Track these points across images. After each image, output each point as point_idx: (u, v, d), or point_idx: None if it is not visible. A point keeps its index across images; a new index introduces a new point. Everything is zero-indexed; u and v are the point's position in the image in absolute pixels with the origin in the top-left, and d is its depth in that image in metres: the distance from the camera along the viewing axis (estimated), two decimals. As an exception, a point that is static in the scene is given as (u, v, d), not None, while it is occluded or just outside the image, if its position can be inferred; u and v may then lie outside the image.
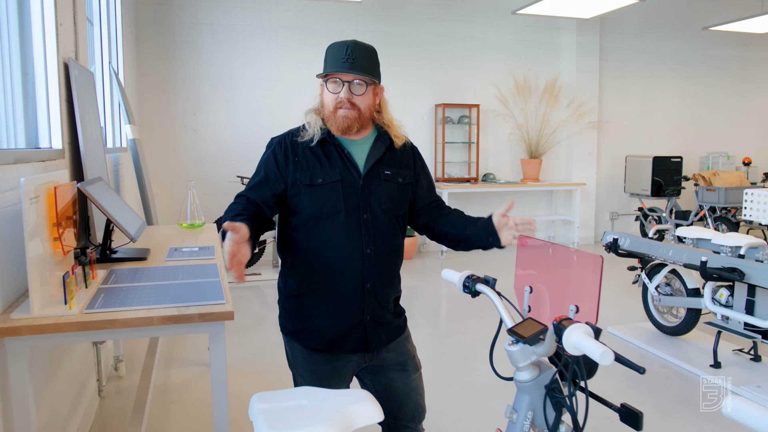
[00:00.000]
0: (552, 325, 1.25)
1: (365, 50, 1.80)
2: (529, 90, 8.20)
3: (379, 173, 1.86)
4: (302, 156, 1.84)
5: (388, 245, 1.86)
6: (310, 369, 1.88)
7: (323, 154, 1.84)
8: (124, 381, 3.63)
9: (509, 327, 1.43)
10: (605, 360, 1.09)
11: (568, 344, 1.19)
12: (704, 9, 9.02)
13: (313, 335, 1.86)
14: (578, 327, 1.18)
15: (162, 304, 1.88)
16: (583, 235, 8.46)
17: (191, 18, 6.68)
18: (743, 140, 9.62)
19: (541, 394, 1.40)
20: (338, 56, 1.76)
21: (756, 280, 3.38)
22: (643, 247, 4.11)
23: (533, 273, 1.59)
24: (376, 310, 1.86)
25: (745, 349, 3.97)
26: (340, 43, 1.79)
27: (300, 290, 1.86)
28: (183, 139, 6.80)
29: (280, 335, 1.98)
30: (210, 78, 6.81)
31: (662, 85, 9.01)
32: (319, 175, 1.80)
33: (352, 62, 1.75)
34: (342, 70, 1.75)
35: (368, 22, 7.36)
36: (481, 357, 4.05)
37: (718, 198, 7.24)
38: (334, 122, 1.82)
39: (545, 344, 1.33)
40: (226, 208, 1.83)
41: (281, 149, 1.86)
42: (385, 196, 1.85)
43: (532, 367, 1.39)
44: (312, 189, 1.79)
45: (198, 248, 2.85)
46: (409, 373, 1.97)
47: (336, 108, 1.80)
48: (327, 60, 1.81)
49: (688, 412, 3.26)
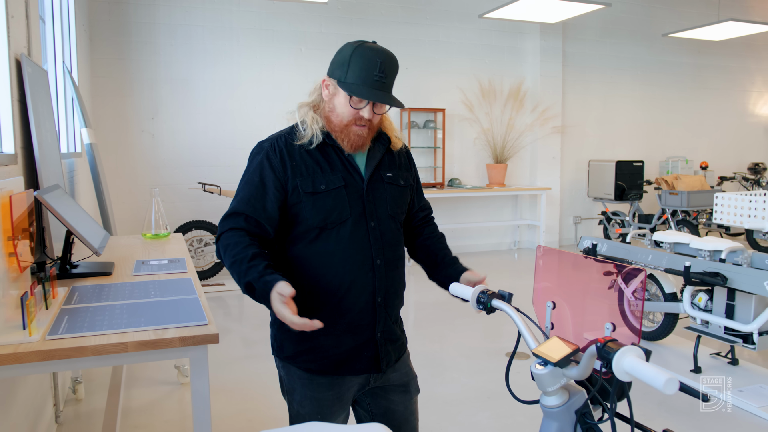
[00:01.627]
0: (595, 347, 1.12)
1: (393, 65, 1.60)
2: (494, 94, 8.18)
3: (382, 176, 1.72)
4: (300, 160, 1.64)
5: (396, 253, 1.73)
6: (310, 395, 1.70)
7: (322, 157, 1.66)
8: (84, 404, 3.36)
9: (533, 347, 1.29)
10: (670, 389, 0.96)
11: (618, 370, 1.06)
12: (661, 17, 9.19)
13: (317, 356, 1.68)
14: (631, 350, 1.06)
15: (136, 326, 1.68)
16: (548, 239, 8.47)
17: (148, 18, 6.39)
18: (699, 145, 9.83)
19: (571, 420, 1.26)
20: (369, 72, 1.55)
21: (737, 284, 3.36)
22: (622, 252, 4.07)
23: (555, 287, 1.46)
24: (387, 326, 1.72)
25: (722, 353, 3.95)
26: (371, 55, 1.56)
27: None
28: (140, 144, 6.49)
29: (247, 350, 1.82)
30: (169, 80, 6.53)
31: (622, 90, 9.13)
32: (322, 181, 1.63)
33: (383, 82, 1.57)
34: (374, 89, 1.56)
35: (332, 24, 7.20)
36: (457, 367, 3.93)
37: (680, 202, 7.34)
38: (346, 137, 1.64)
39: (580, 367, 1.19)
40: (223, 238, 1.61)
41: (275, 153, 1.65)
42: (390, 201, 1.72)
43: (561, 391, 1.26)
44: (315, 197, 1.62)
45: (167, 261, 2.64)
46: (411, 394, 1.82)
47: (352, 123, 1.62)
48: (353, 69, 1.56)
49: (674, 419, 3.20)
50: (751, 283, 3.28)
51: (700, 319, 3.72)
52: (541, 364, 1.24)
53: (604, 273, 4.39)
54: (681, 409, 3.32)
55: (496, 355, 4.17)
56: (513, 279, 6.75)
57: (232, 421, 3.19)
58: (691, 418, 3.22)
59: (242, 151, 6.85)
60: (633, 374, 1.04)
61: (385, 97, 1.58)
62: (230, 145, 6.80)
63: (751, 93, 10.29)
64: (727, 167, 9.99)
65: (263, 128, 6.92)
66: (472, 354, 4.20)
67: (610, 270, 4.49)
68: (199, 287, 2.16)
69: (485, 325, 4.82)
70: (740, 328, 3.46)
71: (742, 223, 4.04)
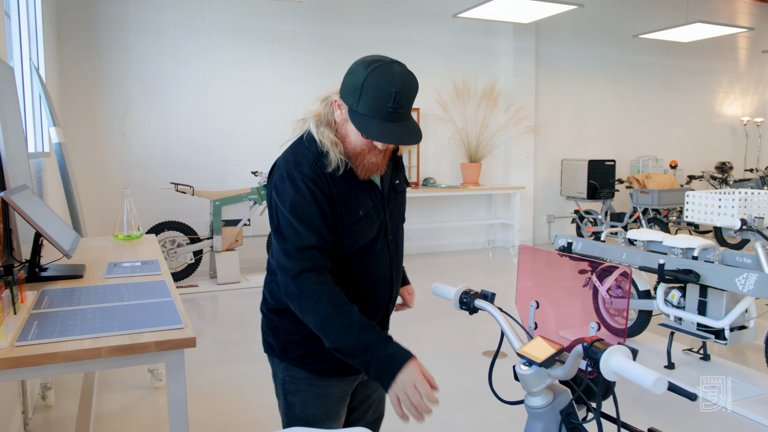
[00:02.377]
0: (582, 346, 1.11)
1: (410, 91, 1.46)
2: (468, 94, 8.21)
3: (393, 186, 1.68)
4: (339, 186, 1.52)
5: (401, 260, 1.73)
6: (317, 393, 1.67)
7: (351, 180, 1.56)
8: (54, 411, 3.28)
9: (517, 348, 1.29)
10: (658, 388, 0.96)
11: (606, 370, 1.06)
12: (631, 18, 9.32)
13: (326, 358, 1.61)
14: (618, 350, 1.06)
15: (109, 331, 1.63)
16: (522, 238, 8.53)
17: (118, 15, 6.26)
18: (668, 144, 10.00)
19: (556, 420, 1.26)
20: (382, 103, 1.42)
21: (710, 281, 3.41)
22: (597, 251, 4.11)
23: (538, 286, 1.46)
24: (387, 326, 1.75)
25: (694, 348, 4.02)
26: (385, 85, 1.42)
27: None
28: (110, 144, 6.36)
29: (222, 352, 1.79)
30: (140, 79, 6.41)
31: (594, 90, 9.24)
32: (359, 207, 1.54)
33: (398, 113, 1.43)
34: (387, 122, 1.43)
35: (306, 23, 7.15)
36: (434, 367, 3.93)
37: (652, 200, 7.45)
38: (360, 165, 1.53)
39: (565, 367, 1.19)
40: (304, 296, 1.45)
41: (321, 179, 1.50)
42: (398, 209, 1.70)
43: (546, 391, 1.25)
44: (357, 226, 1.54)
45: (140, 263, 2.58)
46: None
47: (365, 151, 1.51)
48: (364, 99, 1.43)
49: (649, 415, 3.24)
50: (722, 279, 3.34)
51: (674, 316, 3.77)
52: (526, 365, 1.23)
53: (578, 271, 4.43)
54: (656, 405, 3.37)
55: (473, 355, 4.18)
56: (488, 278, 6.78)
57: (209, 425, 3.14)
58: (665, 413, 3.26)
59: (215, 151, 6.77)
60: (621, 374, 1.04)
61: (396, 136, 1.43)
62: (203, 145, 6.71)
63: (717, 93, 10.51)
64: (696, 166, 10.19)
65: (237, 128, 6.85)
66: (449, 354, 4.20)
67: (585, 268, 4.53)
68: (174, 289, 2.11)
69: (461, 325, 4.83)
70: (712, 324, 3.52)
71: (712, 221, 4.11)
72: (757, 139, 10.98)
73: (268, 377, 3.73)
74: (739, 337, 3.52)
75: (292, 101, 7.09)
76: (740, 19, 10.33)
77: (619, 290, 4.29)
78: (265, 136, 6.96)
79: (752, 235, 3.65)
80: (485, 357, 4.12)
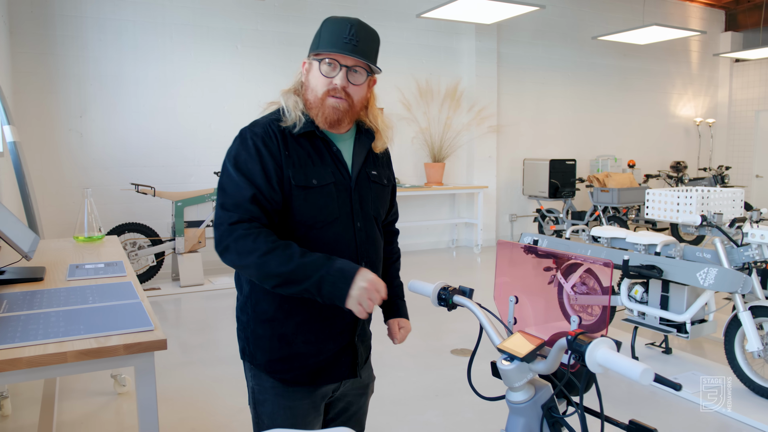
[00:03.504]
0: (566, 340, 1.12)
1: (369, 34, 1.54)
2: (432, 94, 8.25)
3: (368, 174, 1.64)
4: (293, 150, 1.52)
5: (378, 255, 1.66)
6: (285, 405, 1.59)
7: (312, 149, 1.55)
8: (11, 421, 3.15)
9: (497, 343, 1.29)
10: (645, 379, 0.97)
11: (591, 362, 1.06)
12: (590, 20, 9.52)
13: (294, 366, 1.57)
14: (603, 342, 1.06)
15: (75, 335, 1.57)
16: (486, 237, 8.61)
17: (75, 11, 6.09)
18: (626, 144, 10.24)
19: (537, 415, 1.26)
20: (339, 35, 1.48)
21: (672, 276, 3.50)
22: (562, 248, 4.17)
23: (517, 281, 1.46)
24: (363, 328, 1.67)
25: (657, 342, 4.12)
26: (341, 20, 1.51)
27: (278, 314, 1.56)
28: (67, 144, 6.17)
29: (186, 356, 1.74)
30: (97, 77, 6.24)
31: (554, 91, 9.40)
32: (313, 175, 1.52)
33: (355, 44, 1.48)
34: (343, 52, 1.48)
35: (269, 22, 7.08)
36: (402, 366, 3.93)
37: (611, 198, 7.61)
38: (321, 111, 1.53)
39: (548, 361, 1.20)
40: (236, 239, 1.41)
41: (271, 138, 1.51)
42: (374, 201, 1.64)
43: (527, 386, 1.26)
44: (306, 192, 1.50)
45: (103, 264, 2.51)
46: (366, 396, 1.79)
47: (326, 95, 1.52)
48: (323, 36, 1.52)
49: (616, 408, 3.30)
50: (684, 274, 3.42)
51: (637, 311, 3.85)
52: (507, 360, 1.23)
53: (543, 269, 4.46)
54: (619, 398, 3.43)
55: (441, 353, 4.19)
56: (452, 277, 6.82)
57: (176, 431, 3.07)
58: (630, 405, 3.32)
59: (176, 151, 6.63)
60: (607, 366, 1.04)
61: (352, 52, 1.48)
62: (164, 145, 6.57)
63: (671, 95, 10.80)
64: (652, 165, 10.45)
65: (199, 128, 6.73)
66: (416, 353, 4.21)
67: (550, 266, 4.58)
68: (141, 291, 2.06)
69: (428, 323, 4.84)
70: (674, 318, 3.60)
71: (672, 218, 4.21)
72: (709, 139, 11.33)
73: (235, 380, 3.68)
74: (699, 331, 3.61)
75: (255, 100, 7.00)
76: (692, 24, 10.65)
77: (583, 287, 4.36)
78: (228, 136, 6.80)
79: (710, 231, 3.75)
80: (453, 355, 4.13)
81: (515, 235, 9.15)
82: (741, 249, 3.43)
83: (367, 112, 1.65)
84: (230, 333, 4.88)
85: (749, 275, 3.34)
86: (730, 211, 4.04)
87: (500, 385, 1.28)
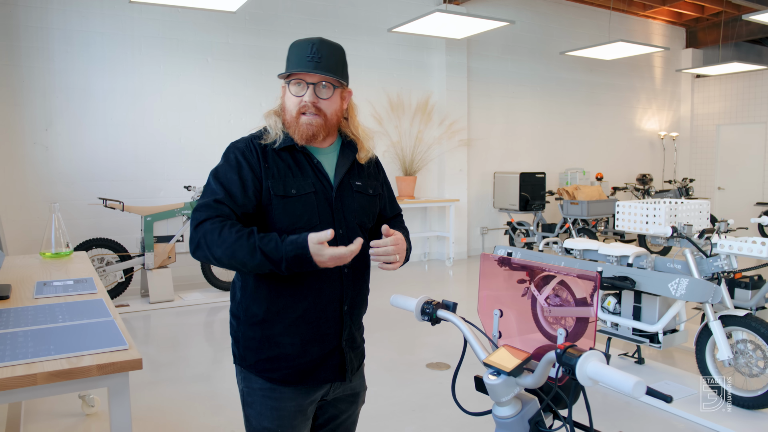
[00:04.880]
0: (555, 353, 1.11)
1: (332, 48, 1.63)
2: (403, 108, 8.29)
3: (350, 184, 1.70)
4: (273, 163, 1.62)
5: (363, 262, 1.71)
6: (271, 406, 1.64)
7: (293, 162, 1.64)
8: (-28, 444, 3.03)
9: (483, 358, 1.28)
10: (638, 392, 0.97)
11: (582, 375, 1.06)
12: (558, 36, 9.70)
13: (281, 366, 1.63)
14: (593, 355, 1.06)
15: (45, 355, 1.52)
16: (457, 250, 8.65)
17: (40, 22, 5.96)
18: (593, 157, 10.42)
19: (524, 429, 1.25)
20: (302, 54, 1.59)
21: (645, 287, 3.54)
22: (536, 260, 4.19)
23: (501, 294, 1.46)
24: (351, 333, 1.70)
25: (629, 353, 4.16)
26: (304, 41, 1.61)
27: (267, 316, 1.62)
28: (32, 158, 6.02)
29: (156, 374, 1.72)
30: (64, 89, 6.11)
31: (523, 105, 9.53)
32: (292, 185, 1.60)
33: (317, 61, 1.58)
34: (306, 70, 1.58)
35: (240, 35, 7.04)
36: (380, 381, 3.89)
37: (581, 211, 7.71)
38: (297, 129, 1.62)
39: (535, 375, 1.19)
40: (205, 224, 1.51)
41: (252, 153, 1.62)
42: (358, 209, 1.69)
43: (514, 400, 1.25)
44: (285, 201, 1.58)
45: (73, 281, 2.44)
46: (357, 405, 1.83)
47: (299, 113, 1.62)
48: (290, 59, 1.63)
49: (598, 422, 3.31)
50: (656, 285, 3.47)
51: (610, 322, 3.89)
52: (494, 374, 1.22)
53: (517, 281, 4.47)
54: (595, 409, 3.45)
55: (417, 368, 4.17)
56: (426, 290, 6.82)
57: (145, 452, 2.99)
58: (606, 415, 3.35)
59: (145, 165, 6.53)
60: (598, 379, 1.04)
61: (314, 69, 1.57)
62: (132, 159, 6.46)
63: (636, 109, 11.05)
64: (619, 178, 10.65)
65: (168, 141, 6.64)
66: (392, 367, 4.18)
67: (523, 278, 4.60)
68: (113, 308, 2.00)
69: (403, 338, 4.82)
70: (647, 328, 3.65)
71: (642, 230, 4.28)
72: (673, 152, 11.60)
73: (207, 398, 3.61)
74: (671, 340, 3.66)
75: (225, 114, 6.94)
76: (655, 40, 10.93)
77: (557, 299, 4.39)
78: (198, 150, 6.77)
79: (679, 242, 3.81)
80: (429, 369, 4.11)
81: (487, 248, 9.20)
82: (710, 259, 3.50)
83: (349, 124, 1.74)
84: (202, 350, 4.80)
85: (719, 285, 3.41)
86: (698, 222, 4.12)
87: (482, 399, 1.26)
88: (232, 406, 3.46)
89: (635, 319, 3.74)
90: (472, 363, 1.56)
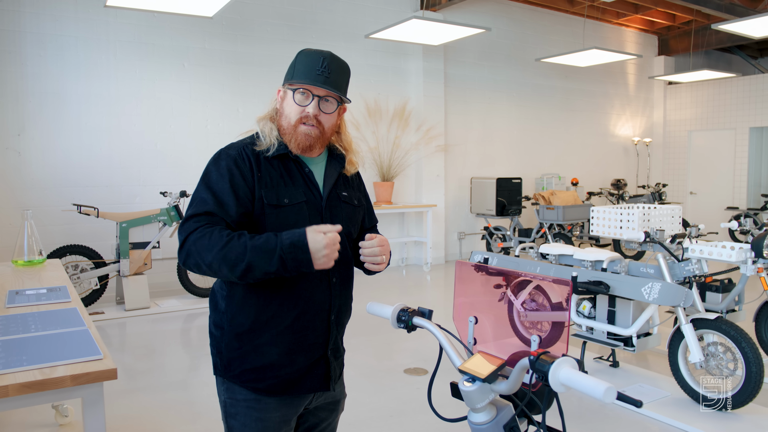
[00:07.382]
0: (528, 360, 1.13)
1: (341, 66, 1.65)
2: (380, 114, 8.31)
3: (338, 194, 1.72)
4: (265, 171, 1.62)
5: (350, 271, 1.74)
6: (255, 416, 1.63)
7: (285, 170, 1.64)
8: (-59, 457, 2.97)
9: (458, 365, 1.29)
10: (608, 397, 0.99)
11: (554, 382, 1.08)
12: (533, 43, 9.82)
13: (267, 375, 1.62)
14: (566, 362, 1.08)
15: (17, 366, 1.50)
16: (435, 255, 8.69)
17: (13, 25, 5.88)
18: (569, 162, 10.55)
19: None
20: (312, 66, 1.60)
21: (619, 291, 3.60)
22: (512, 265, 4.24)
23: (475, 301, 1.48)
24: (336, 342, 1.71)
25: (604, 356, 4.22)
26: (315, 52, 1.62)
27: (254, 326, 1.61)
28: (4, 163, 5.92)
29: (131, 383, 1.70)
30: (37, 94, 6.02)
31: (500, 110, 9.62)
32: (285, 195, 1.61)
33: (327, 77, 1.60)
34: (316, 84, 1.59)
35: (216, 40, 7.01)
36: (357, 387, 3.89)
37: (557, 216, 7.80)
38: (294, 137, 1.63)
39: (509, 381, 1.21)
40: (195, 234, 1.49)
41: (244, 161, 1.60)
42: (345, 219, 1.72)
43: (489, 406, 1.26)
44: (279, 210, 1.59)
45: (46, 290, 2.40)
46: (337, 413, 1.84)
47: (299, 122, 1.62)
48: (297, 67, 1.62)
49: (574, 426, 3.36)
50: (630, 289, 3.53)
51: (585, 326, 3.94)
52: (469, 381, 1.24)
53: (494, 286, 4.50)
54: (571, 413, 3.49)
55: (394, 373, 4.18)
56: (403, 295, 6.84)
57: (120, 462, 2.95)
58: (582, 420, 3.39)
59: (121, 170, 6.46)
60: (570, 385, 1.06)
61: (323, 84, 1.58)
62: (107, 165, 6.39)
63: (611, 115, 11.22)
64: (594, 183, 10.80)
65: (144, 147, 6.58)
66: (370, 373, 4.18)
67: (500, 283, 4.64)
68: (87, 317, 1.98)
69: (380, 344, 4.83)
70: (621, 332, 3.70)
71: (616, 235, 4.35)
72: (647, 158, 11.79)
73: (184, 407, 3.59)
74: (645, 344, 3.72)
75: (202, 119, 6.90)
76: (629, 47, 11.12)
77: (533, 303, 4.44)
78: (174, 155, 6.72)
79: (652, 247, 3.88)
80: (406, 375, 4.13)
81: (464, 253, 9.26)
82: (682, 264, 3.57)
83: (340, 137, 1.77)
84: (178, 358, 4.75)
85: (690, 289, 3.48)
86: (670, 227, 4.20)
87: (458, 405, 1.28)
88: (210, 414, 3.44)
89: (610, 323, 3.79)
90: (449, 369, 1.58)
